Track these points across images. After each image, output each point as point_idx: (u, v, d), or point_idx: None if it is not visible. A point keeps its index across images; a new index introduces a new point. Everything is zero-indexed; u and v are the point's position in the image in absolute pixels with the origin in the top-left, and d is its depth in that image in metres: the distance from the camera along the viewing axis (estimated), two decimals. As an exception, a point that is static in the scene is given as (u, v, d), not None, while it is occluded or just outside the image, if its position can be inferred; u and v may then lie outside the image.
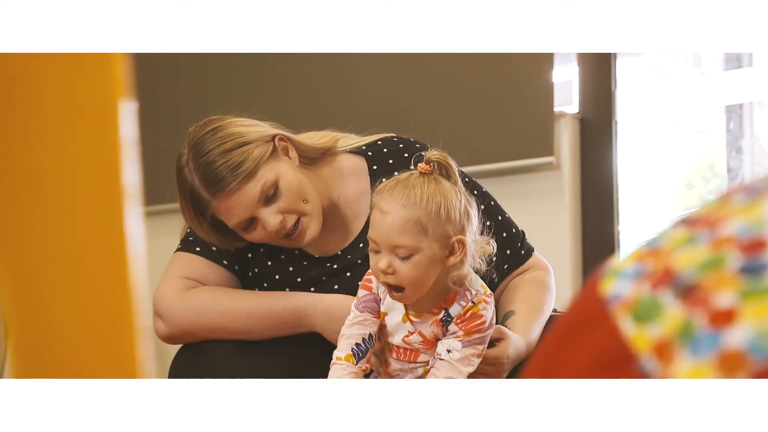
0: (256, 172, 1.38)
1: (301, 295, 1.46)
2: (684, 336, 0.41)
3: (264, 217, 1.39)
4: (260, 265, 1.52)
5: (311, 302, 1.44)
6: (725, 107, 2.64)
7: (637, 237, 2.56)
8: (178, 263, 1.51)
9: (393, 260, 1.21)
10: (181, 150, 1.42)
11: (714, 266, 0.43)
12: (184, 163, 1.40)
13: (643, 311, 0.43)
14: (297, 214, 1.41)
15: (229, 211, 1.39)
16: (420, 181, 1.22)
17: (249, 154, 1.38)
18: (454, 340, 1.25)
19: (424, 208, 1.19)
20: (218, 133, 1.39)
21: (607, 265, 0.49)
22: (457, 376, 1.24)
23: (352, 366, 1.27)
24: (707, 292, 0.42)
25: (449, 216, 1.21)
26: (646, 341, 0.43)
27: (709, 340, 0.41)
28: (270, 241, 1.44)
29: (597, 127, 2.43)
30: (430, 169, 1.23)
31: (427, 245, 1.20)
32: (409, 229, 1.20)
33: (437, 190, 1.21)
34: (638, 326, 0.43)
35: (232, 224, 1.41)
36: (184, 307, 1.44)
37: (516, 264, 1.54)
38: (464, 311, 1.25)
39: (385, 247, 1.22)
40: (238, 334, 1.43)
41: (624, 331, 0.44)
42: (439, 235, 1.21)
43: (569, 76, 2.48)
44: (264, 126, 1.46)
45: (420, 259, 1.21)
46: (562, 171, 2.39)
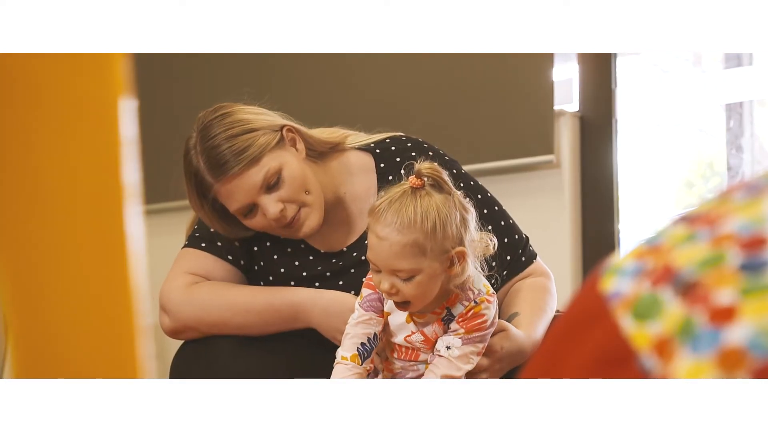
0: (260, 159, 1.39)
1: (301, 290, 1.46)
2: (684, 333, 0.41)
3: (264, 204, 1.40)
4: (266, 259, 1.52)
5: (310, 298, 1.44)
6: (725, 105, 2.64)
7: (637, 235, 2.56)
8: (183, 259, 1.52)
9: (395, 281, 1.21)
10: (190, 134, 1.43)
11: (714, 263, 0.43)
12: (191, 146, 1.42)
13: (643, 309, 0.43)
14: (298, 205, 1.42)
15: (230, 195, 1.40)
16: (412, 200, 1.19)
17: (255, 140, 1.39)
18: (454, 338, 1.25)
19: (420, 229, 1.18)
20: (227, 118, 1.41)
21: (607, 263, 0.49)
22: (455, 373, 1.24)
23: (357, 366, 1.27)
24: (707, 289, 0.42)
25: (445, 231, 1.19)
26: (646, 339, 0.43)
27: (710, 337, 0.41)
28: (269, 229, 1.45)
29: (597, 125, 2.43)
30: (421, 183, 1.20)
31: (427, 265, 1.19)
32: (406, 253, 1.18)
33: (430, 206, 1.19)
34: (638, 324, 0.43)
35: (233, 209, 1.42)
36: (187, 301, 1.45)
37: (515, 270, 1.53)
38: (466, 310, 1.25)
39: (386, 270, 1.21)
40: (238, 329, 1.44)
41: (624, 328, 0.44)
42: (438, 253, 1.20)
43: (569, 74, 2.48)
44: (274, 115, 1.47)
45: (421, 279, 1.20)
46: (562, 169, 2.39)
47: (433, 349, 1.28)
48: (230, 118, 1.41)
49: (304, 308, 1.44)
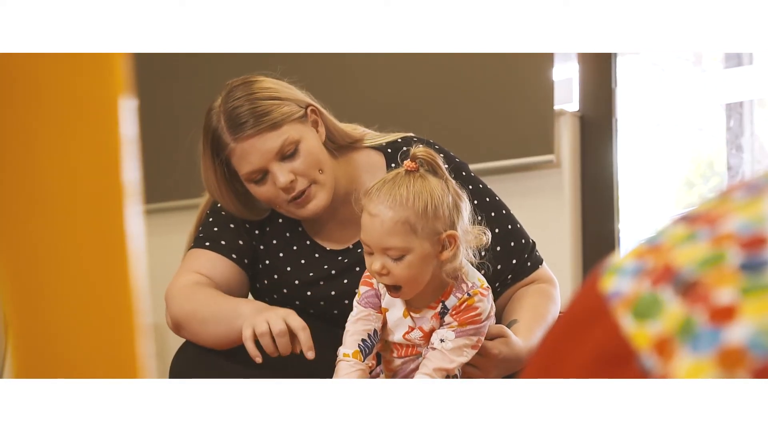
0: (280, 126, 1.40)
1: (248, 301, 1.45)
2: (684, 332, 0.41)
3: (276, 171, 1.40)
4: (272, 257, 1.52)
5: (247, 302, 1.43)
6: (725, 105, 2.64)
7: (637, 235, 2.56)
8: (188, 259, 1.53)
9: (386, 261, 1.22)
10: (216, 98, 1.45)
11: (714, 263, 0.43)
12: (214, 106, 1.44)
13: (643, 308, 0.44)
14: (309, 181, 1.42)
15: (244, 156, 1.40)
16: (406, 180, 1.22)
17: (278, 107, 1.41)
18: (447, 330, 1.26)
19: (411, 208, 1.20)
20: (254, 84, 1.43)
21: (607, 263, 0.49)
22: (447, 365, 1.24)
23: (359, 363, 1.28)
24: (707, 288, 0.42)
25: (437, 213, 1.21)
26: (646, 338, 0.43)
27: (710, 336, 0.41)
28: (275, 201, 1.45)
29: (597, 125, 2.43)
30: (416, 167, 1.23)
31: (417, 244, 1.21)
32: (397, 230, 1.20)
33: (423, 187, 1.21)
34: (638, 323, 0.43)
35: (245, 171, 1.42)
36: (184, 297, 1.45)
37: (520, 275, 1.53)
38: (460, 303, 1.26)
39: (377, 249, 1.22)
40: (206, 341, 1.42)
41: (624, 327, 0.44)
42: (429, 233, 1.21)
43: (569, 73, 2.48)
44: (301, 94, 1.49)
45: (412, 259, 1.21)
46: (562, 169, 2.39)
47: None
48: (257, 84, 1.43)
49: (239, 311, 1.40)
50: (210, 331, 1.40)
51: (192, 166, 1.56)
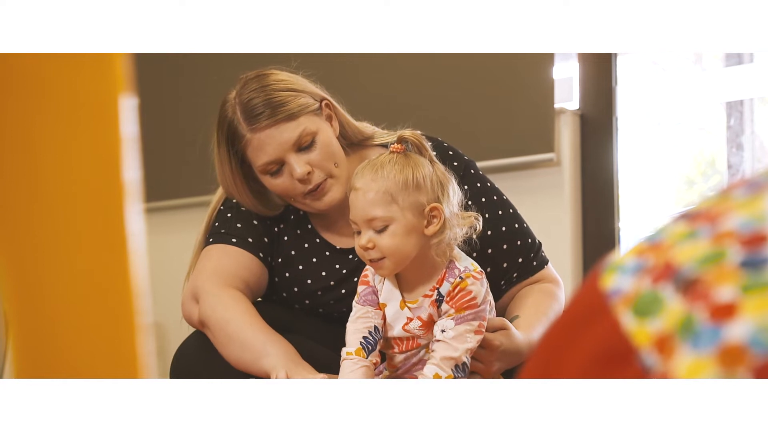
0: (297, 117, 1.40)
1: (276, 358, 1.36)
2: (685, 330, 0.41)
3: (292, 162, 1.40)
4: (284, 256, 1.52)
5: (278, 342, 1.37)
6: (726, 104, 2.64)
7: (637, 233, 2.56)
8: (214, 254, 1.49)
9: (371, 235, 1.25)
10: (230, 90, 1.45)
11: (715, 260, 0.43)
12: (228, 98, 1.44)
13: (643, 305, 0.44)
14: (325, 174, 1.43)
15: (261, 147, 1.40)
16: (390, 158, 1.26)
17: (295, 99, 1.41)
18: (446, 320, 1.26)
19: (393, 179, 1.24)
20: (269, 77, 1.44)
21: (607, 260, 0.49)
22: (453, 354, 1.24)
23: (363, 359, 1.28)
24: (708, 286, 0.42)
25: (419, 185, 1.24)
26: (646, 335, 0.43)
27: (710, 334, 0.41)
28: (290, 194, 1.44)
29: (597, 123, 2.43)
30: (402, 149, 1.28)
31: (400, 214, 1.24)
32: (378, 200, 1.23)
33: (406, 163, 1.25)
34: (639, 320, 0.43)
35: (261, 162, 1.41)
36: (220, 304, 1.41)
37: (525, 274, 1.54)
38: (453, 287, 1.27)
39: (363, 223, 1.25)
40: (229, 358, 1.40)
41: (625, 325, 0.44)
42: (411, 204, 1.24)
43: (570, 72, 2.48)
44: (316, 87, 1.49)
45: (395, 228, 1.24)
46: (562, 167, 2.39)
47: (430, 335, 1.29)
48: (273, 77, 1.44)
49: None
50: (233, 351, 1.38)
51: (192, 164, 1.56)
